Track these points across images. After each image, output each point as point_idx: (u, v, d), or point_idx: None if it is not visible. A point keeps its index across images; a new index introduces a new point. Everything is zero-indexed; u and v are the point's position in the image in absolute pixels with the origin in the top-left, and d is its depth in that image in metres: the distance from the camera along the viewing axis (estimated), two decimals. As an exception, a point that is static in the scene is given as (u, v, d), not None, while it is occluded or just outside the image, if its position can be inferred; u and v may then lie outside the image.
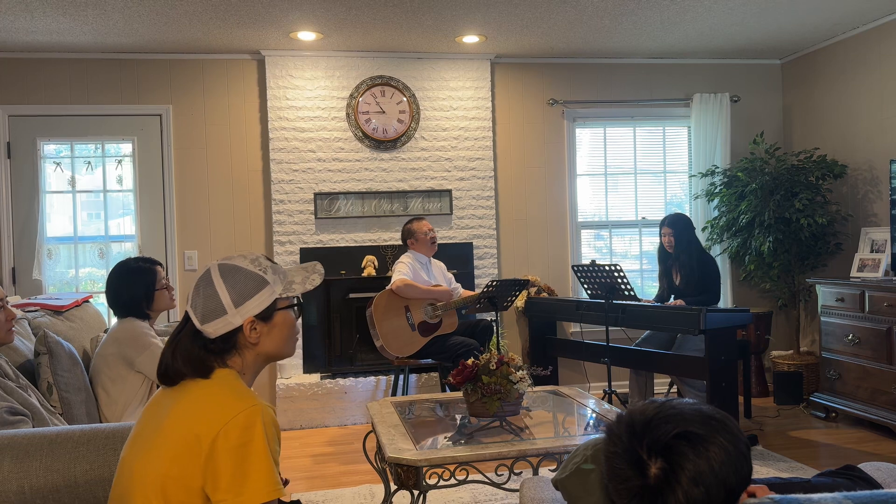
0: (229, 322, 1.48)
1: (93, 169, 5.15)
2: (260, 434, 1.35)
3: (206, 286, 1.50)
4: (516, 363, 2.98)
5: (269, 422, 1.39)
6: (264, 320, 1.52)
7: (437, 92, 5.33)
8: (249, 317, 1.49)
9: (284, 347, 1.56)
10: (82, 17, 4.26)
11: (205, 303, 1.49)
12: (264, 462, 1.35)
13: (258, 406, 1.38)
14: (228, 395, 1.42)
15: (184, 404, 1.43)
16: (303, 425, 4.88)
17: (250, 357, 1.53)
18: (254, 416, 1.36)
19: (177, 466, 1.36)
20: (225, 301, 1.48)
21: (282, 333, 1.55)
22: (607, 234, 5.77)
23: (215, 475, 1.33)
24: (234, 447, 1.34)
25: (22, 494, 1.84)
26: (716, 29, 4.91)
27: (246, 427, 1.35)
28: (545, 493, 1.69)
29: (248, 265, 1.52)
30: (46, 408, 2.41)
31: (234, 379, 1.48)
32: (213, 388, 1.44)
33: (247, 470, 1.33)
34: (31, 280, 4.97)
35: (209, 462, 1.34)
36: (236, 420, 1.35)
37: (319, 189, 5.19)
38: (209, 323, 1.48)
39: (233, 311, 1.48)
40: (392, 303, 4.42)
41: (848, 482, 1.36)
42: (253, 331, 1.50)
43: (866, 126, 5.02)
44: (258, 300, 1.50)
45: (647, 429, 1.14)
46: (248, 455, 1.34)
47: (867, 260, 4.71)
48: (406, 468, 2.54)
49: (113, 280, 2.83)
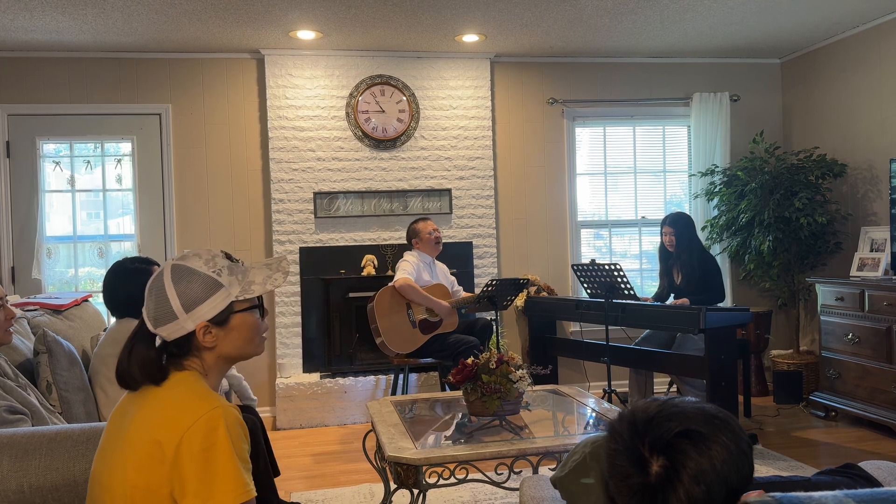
0: (181, 327, 1.43)
1: (92, 168, 5.15)
2: (223, 436, 1.32)
3: (157, 288, 1.45)
4: (516, 362, 2.98)
5: (233, 422, 1.36)
6: (220, 324, 1.46)
7: (436, 91, 5.33)
8: (202, 321, 1.44)
9: (245, 349, 1.51)
10: (82, 16, 4.25)
11: (156, 306, 1.44)
12: (230, 464, 1.32)
13: (219, 408, 1.35)
14: (188, 399, 1.38)
15: (145, 412, 1.39)
16: (302, 425, 4.88)
17: (210, 359, 1.48)
18: (216, 419, 1.33)
19: (141, 476, 1.33)
20: (174, 305, 1.42)
21: (241, 336, 1.49)
22: (607, 233, 5.77)
23: (182, 481, 1.31)
24: (198, 451, 1.31)
25: (21, 493, 1.84)
26: (716, 28, 4.91)
27: (209, 431, 1.32)
28: (545, 492, 1.69)
29: (202, 266, 1.46)
30: (46, 407, 2.41)
31: (195, 381, 1.43)
32: (173, 392, 1.40)
33: (213, 474, 1.30)
34: (31, 279, 4.97)
35: (174, 469, 1.31)
36: (198, 424, 1.32)
37: (319, 188, 5.18)
38: (161, 327, 1.44)
39: (183, 316, 1.43)
40: (394, 299, 4.42)
41: (848, 480, 1.36)
42: (207, 334, 1.45)
43: (866, 125, 5.02)
44: (211, 304, 1.44)
45: (649, 426, 1.14)
46: (214, 459, 1.31)
47: (867, 259, 4.71)
48: (406, 467, 2.54)
49: (110, 280, 2.82)
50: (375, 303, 4.40)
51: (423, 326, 4.46)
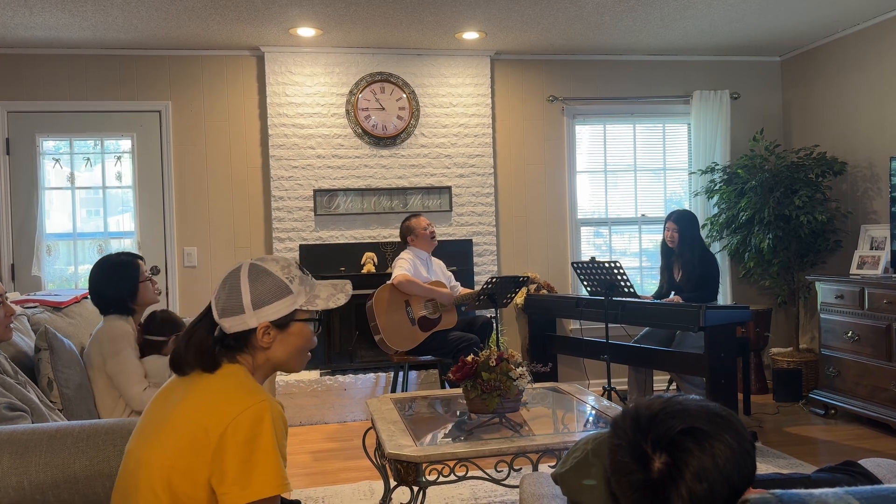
0: (244, 322, 1.49)
1: (92, 165, 5.14)
2: (268, 429, 1.36)
3: (231, 281, 1.52)
4: (516, 360, 2.98)
5: (278, 417, 1.40)
6: (280, 328, 1.52)
7: (436, 89, 5.32)
8: (265, 321, 1.50)
9: (294, 359, 1.57)
10: (81, 12, 4.25)
11: (227, 297, 1.51)
12: (271, 457, 1.36)
13: (267, 401, 1.39)
14: (238, 390, 1.43)
15: (193, 397, 1.44)
16: (302, 422, 4.88)
17: (261, 360, 1.53)
18: (263, 412, 1.38)
19: (183, 459, 1.37)
20: (245, 300, 1.49)
21: (295, 344, 1.55)
22: (607, 231, 5.77)
23: (222, 468, 1.34)
24: (242, 441, 1.35)
25: (21, 490, 1.84)
26: (716, 26, 4.91)
27: (255, 422, 1.36)
28: (545, 489, 1.69)
29: (278, 271, 1.53)
30: (45, 404, 2.41)
31: (244, 374, 1.49)
32: (223, 383, 1.45)
33: (254, 464, 1.34)
34: (31, 276, 4.96)
35: (217, 455, 1.35)
36: (245, 414, 1.36)
37: (319, 186, 5.18)
38: (226, 318, 1.50)
39: (250, 311, 1.49)
40: (393, 297, 4.42)
41: (848, 478, 1.36)
42: (266, 335, 1.51)
43: (866, 123, 5.02)
44: (277, 307, 1.51)
45: (652, 423, 1.14)
46: (256, 450, 1.35)
47: (867, 257, 4.71)
48: (406, 464, 2.54)
49: (95, 276, 2.79)
50: (374, 301, 4.39)
51: (422, 324, 4.47)
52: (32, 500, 1.85)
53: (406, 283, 4.38)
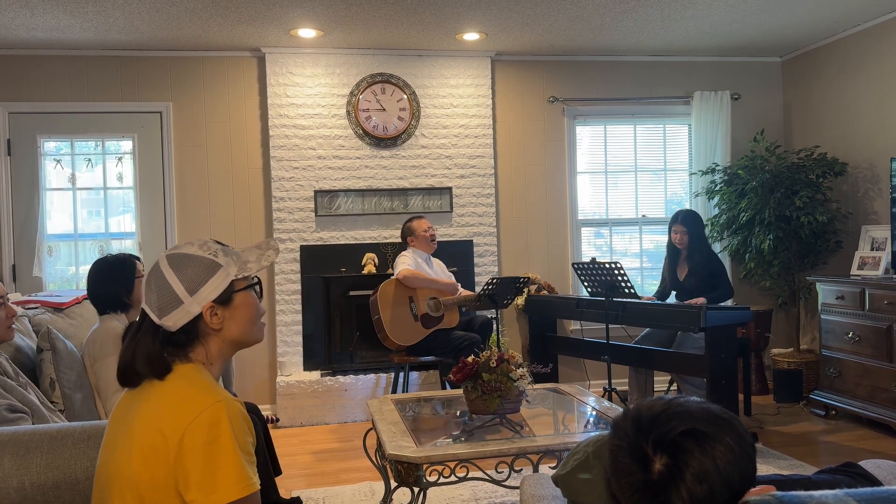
0: (187, 311, 1.44)
1: (93, 166, 5.14)
2: (226, 430, 1.32)
3: (157, 279, 1.46)
4: (516, 361, 2.99)
5: (236, 415, 1.36)
6: (224, 304, 1.47)
7: (437, 89, 5.32)
8: (207, 302, 1.45)
9: (251, 330, 1.52)
10: (82, 14, 4.25)
11: (158, 296, 1.44)
12: (232, 458, 1.32)
13: (222, 401, 1.35)
14: (191, 391, 1.38)
15: (149, 404, 1.39)
16: (303, 422, 4.89)
17: (215, 346, 1.48)
18: (218, 412, 1.33)
19: (148, 469, 1.33)
20: (178, 291, 1.43)
21: (245, 315, 1.50)
22: (607, 231, 5.77)
23: (185, 475, 1.31)
24: (200, 445, 1.31)
25: (23, 491, 1.84)
26: (716, 26, 4.91)
27: (211, 424, 1.32)
28: (545, 490, 1.69)
29: (197, 251, 1.48)
30: (46, 405, 2.42)
31: (197, 373, 1.43)
32: (177, 384, 1.40)
33: (216, 467, 1.31)
34: (32, 277, 4.97)
35: (178, 463, 1.31)
36: (201, 418, 1.32)
37: (320, 186, 5.18)
38: (167, 316, 1.43)
39: (188, 299, 1.44)
40: (398, 291, 4.46)
41: (848, 479, 1.36)
42: (214, 316, 1.46)
43: (866, 124, 5.02)
44: (213, 284, 1.46)
45: (653, 424, 1.15)
46: (216, 452, 1.31)
47: (867, 258, 4.71)
48: (406, 465, 2.54)
49: (92, 276, 2.83)
50: (378, 294, 4.42)
51: (424, 321, 4.49)
52: (34, 501, 1.85)
53: (411, 277, 4.43)
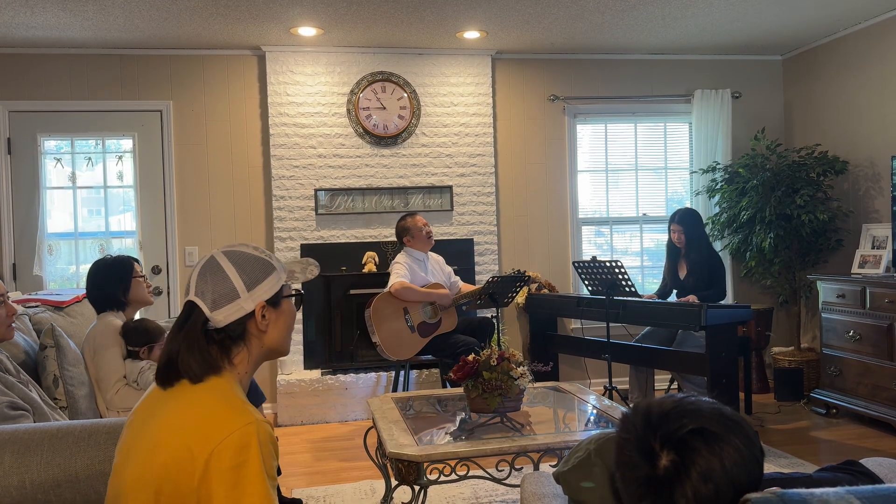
0: (241, 307, 1.42)
1: (93, 165, 5.14)
2: (255, 455, 1.29)
3: (213, 272, 1.43)
4: (517, 359, 2.98)
5: (266, 440, 1.33)
6: (273, 306, 1.46)
7: (437, 88, 5.32)
8: (261, 301, 1.44)
9: (286, 339, 1.52)
10: (82, 12, 4.25)
11: (214, 288, 1.41)
12: (259, 485, 1.29)
13: (254, 423, 1.32)
14: (224, 410, 1.34)
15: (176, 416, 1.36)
16: (303, 421, 4.89)
17: (255, 350, 1.46)
18: (249, 436, 1.30)
19: (170, 483, 1.30)
20: (237, 285, 1.42)
21: (287, 322, 1.50)
22: (608, 230, 5.77)
23: (209, 497, 1.28)
24: (228, 468, 1.27)
25: (23, 489, 1.84)
26: (717, 25, 4.90)
27: (241, 448, 1.29)
28: (546, 489, 1.69)
29: (252, 251, 1.48)
30: (47, 402, 2.42)
31: (229, 388, 1.39)
32: (208, 398, 1.36)
33: (241, 493, 1.28)
34: (32, 276, 4.97)
35: (203, 483, 1.28)
36: (231, 439, 1.29)
37: (320, 185, 5.18)
38: (220, 309, 1.40)
39: (245, 294, 1.42)
40: (390, 305, 4.40)
41: (850, 477, 1.36)
42: (263, 318, 1.44)
43: (868, 122, 5.02)
44: (268, 285, 1.45)
45: (663, 420, 1.15)
46: (243, 477, 1.28)
47: (868, 256, 4.70)
48: (407, 464, 2.54)
49: (91, 276, 2.90)
50: (372, 311, 4.37)
51: (421, 329, 4.45)
52: (34, 499, 1.85)
53: (403, 291, 4.35)
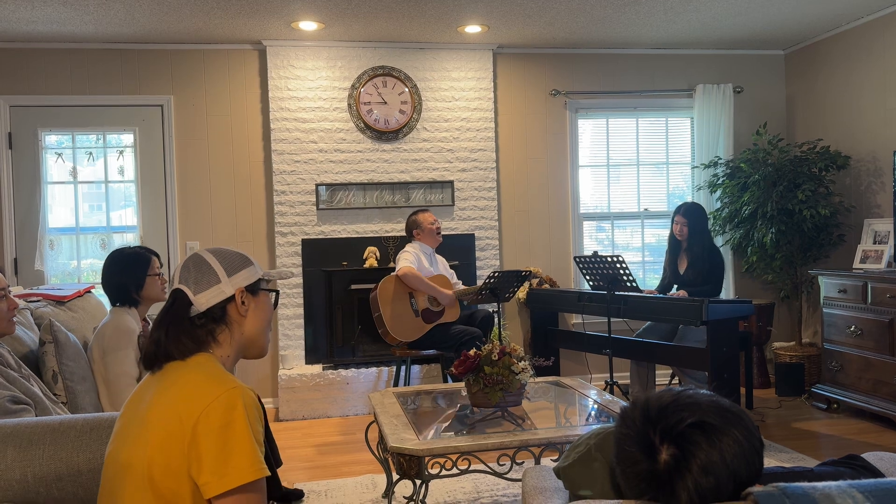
0: (222, 291, 1.53)
1: (94, 160, 5.14)
2: (241, 415, 1.37)
3: (196, 262, 1.55)
4: (518, 354, 2.99)
5: (250, 403, 1.40)
6: (252, 293, 1.58)
7: (438, 83, 5.31)
8: (240, 287, 1.55)
9: (264, 332, 1.61)
10: (83, 6, 4.24)
11: (196, 275, 1.53)
12: (246, 443, 1.35)
13: (238, 388, 1.40)
14: (208, 379, 1.43)
15: (166, 388, 1.44)
16: (305, 416, 4.89)
17: (237, 334, 1.56)
18: (234, 398, 1.38)
19: (162, 453, 1.36)
20: (218, 271, 1.54)
21: (265, 313, 1.61)
22: (609, 225, 5.76)
23: (199, 458, 1.34)
24: (215, 429, 1.35)
25: (25, 482, 1.84)
26: (719, 19, 4.89)
27: (227, 409, 1.36)
28: (547, 483, 1.69)
29: (232, 249, 1.61)
30: (49, 397, 2.42)
31: (214, 364, 1.49)
32: (194, 373, 1.45)
33: (229, 451, 1.34)
34: (33, 271, 4.97)
35: (192, 446, 1.35)
36: (218, 401, 1.37)
37: (321, 180, 5.18)
38: (202, 293, 1.52)
39: (225, 279, 1.54)
40: (397, 288, 4.44)
41: (851, 471, 1.36)
42: (243, 303, 1.55)
43: (870, 117, 5.00)
44: (246, 274, 1.57)
45: (662, 415, 1.15)
46: (230, 436, 1.35)
47: (870, 251, 4.70)
48: (408, 458, 2.55)
49: (106, 265, 2.89)
50: (378, 291, 4.41)
51: (425, 315, 4.48)
52: (36, 492, 1.85)
53: (411, 277, 4.39)
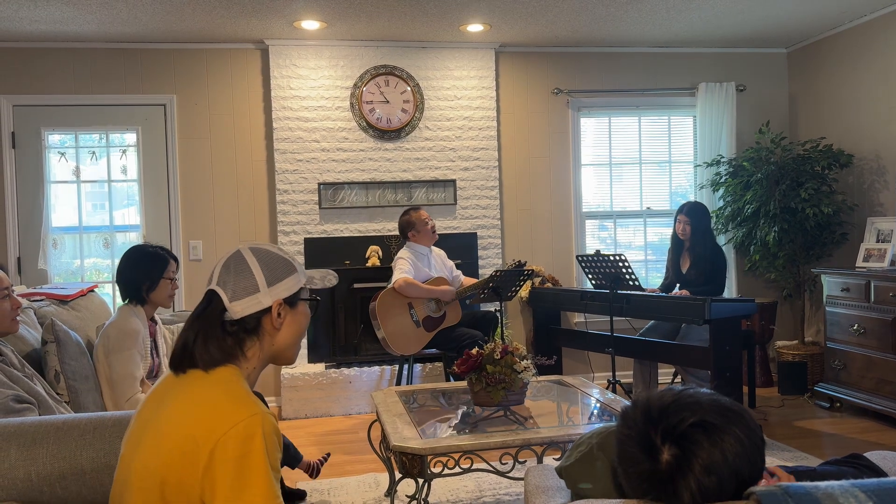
0: (259, 302, 1.44)
1: (97, 159, 5.15)
2: (259, 446, 1.31)
3: (237, 264, 1.46)
4: (521, 353, 2.99)
5: (270, 431, 1.34)
6: (290, 305, 1.49)
7: (441, 81, 5.31)
8: (279, 299, 1.46)
9: (296, 343, 1.53)
10: (86, 6, 4.25)
11: (236, 280, 1.44)
12: (262, 475, 1.30)
13: (259, 415, 1.33)
14: (229, 401, 1.36)
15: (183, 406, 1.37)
16: (308, 415, 4.90)
17: (266, 347, 1.48)
18: (254, 427, 1.31)
19: (174, 472, 1.32)
20: (259, 279, 1.45)
21: (300, 325, 1.52)
22: (612, 224, 5.76)
23: (213, 486, 1.29)
24: (232, 458, 1.29)
25: (29, 481, 1.85)
26: (721, 17, 4.88)
27: (245, 438, 1.30)
28: (549, 482, 1.69)
29: (277, 251, 1.51)
30: (52, 396, 2.42)
31: (237, 381, 1.41)
32: (214, 390, 1.38)
33: (244, 483, 1.29)
34: (37, 270, 4.98)
35: (207, 472, 1.30)
36: (236, 429, 1.30)
37: (323, 179, 5.18)
38: (238, 301, 1.43)
39: (265, 289, 1.45)
40: (395, 300, 4.40)
41: (854, 471, 1.36)
42: (279, 316, 1.46)
43: (873, 115, 4.99)
44: (288, 284, 1.48)
45: (663, 415, 1.15)
46: (246, 467, 1.29)
47: (873, 250, 4.69)
48: (411, 457, 2.55)
49: (124, 258, 2.89)
50: (377, 306, 4.37)
51: (426, 324, 4.45)
52: (40, 491, 1.86)
53: (407, 287, 4.35)
